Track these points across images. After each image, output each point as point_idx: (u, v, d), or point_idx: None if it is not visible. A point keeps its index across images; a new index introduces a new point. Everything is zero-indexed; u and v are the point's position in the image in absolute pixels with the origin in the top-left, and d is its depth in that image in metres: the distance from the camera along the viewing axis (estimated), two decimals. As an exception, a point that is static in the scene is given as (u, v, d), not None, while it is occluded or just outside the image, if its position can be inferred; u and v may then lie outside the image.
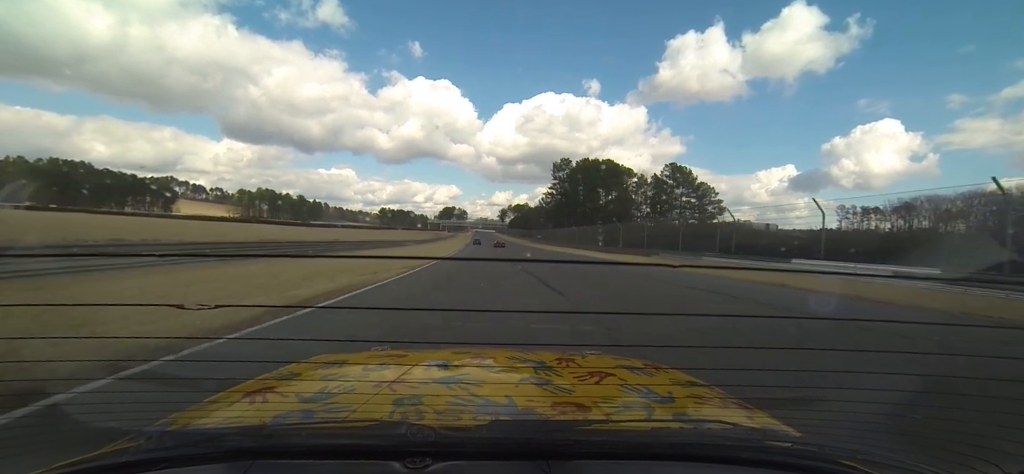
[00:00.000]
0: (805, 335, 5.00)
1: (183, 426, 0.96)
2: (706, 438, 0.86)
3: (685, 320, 5.38)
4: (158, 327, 4.64)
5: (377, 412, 0.95)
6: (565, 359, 1.51)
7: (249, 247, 20.72)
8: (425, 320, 5.18)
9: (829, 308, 8.73)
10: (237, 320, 5.28)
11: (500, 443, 0.75)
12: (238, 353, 3.54)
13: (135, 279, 8.50)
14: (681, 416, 1.09)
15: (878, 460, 0.74)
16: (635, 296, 10.19)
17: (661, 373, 1.43)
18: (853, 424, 1.28)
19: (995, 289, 11.60)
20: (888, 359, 2.38)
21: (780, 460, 0.75)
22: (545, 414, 1.01)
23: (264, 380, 1.23)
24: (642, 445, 0.78)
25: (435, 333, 4.51)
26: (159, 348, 3.89)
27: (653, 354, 1.74)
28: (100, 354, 3.37)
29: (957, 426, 1.15)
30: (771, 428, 1.00)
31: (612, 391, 1.25)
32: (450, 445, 0.71)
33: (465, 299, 8.57)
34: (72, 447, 0.79)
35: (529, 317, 5.66)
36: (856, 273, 13.85)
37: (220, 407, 1.10)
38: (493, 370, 1.42)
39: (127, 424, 0.99)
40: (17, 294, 6.08)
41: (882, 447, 0.83)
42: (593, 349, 1.73)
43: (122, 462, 0.70)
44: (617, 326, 5.52)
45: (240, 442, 0.74)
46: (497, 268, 13.74)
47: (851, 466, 0.72)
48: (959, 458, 0.82)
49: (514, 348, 1.67)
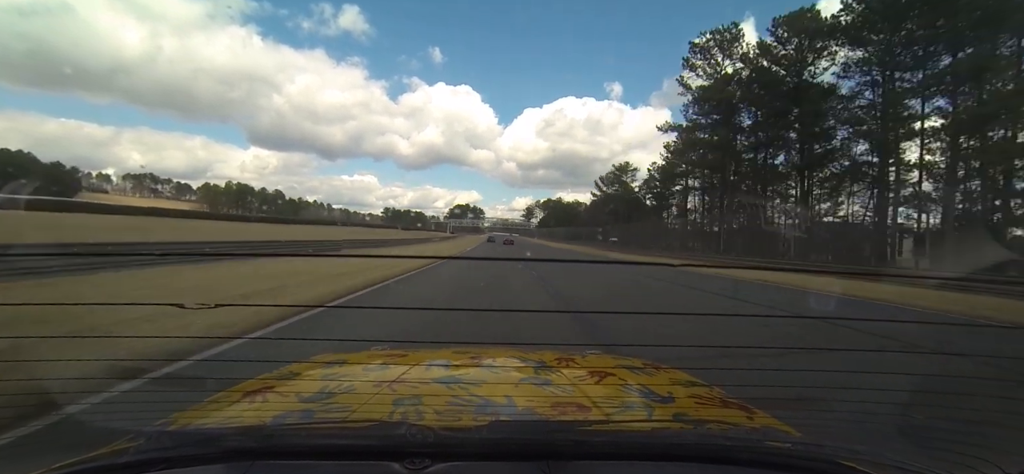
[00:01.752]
0: (805, 335, 5.00)
1: (183, 426, 0.96)
2: (706, 438, 0.86)
3: (685, 320, 5.38)
4: (191, 327, 4.66)
5: (377, 412, 0.95)
6: (565, 359, 1.51)
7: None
8: (425, 320, 5.19)
9: (829, 307, 8.73)
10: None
11: (500, 443, 0.75)
12: (257, 353, 3.53)
13: (134, 278, 8.50)
14: (681, 416, 1.09)
15: (878, 460, 0.74)
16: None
17: (661, 373, 1.43)
18: (853, 424, 1.28)
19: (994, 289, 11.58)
20: (888, 359, 2.38)
21: (780, 460, 0.75)
22: (545, 414, 1.01)
23: (264, 380, 1.23)
24: (642, 445, 0.78)
25: (434, 333, 4.51)
26: (188, 350, 3.92)
27: (653, 354, 1.74)
28: (130, 354, 3.36)
29: (957, 426, 1.15)
30: (771, 428, 1.00)
31: (612, 391, 1.25)
32: (450, 446, 0.71)
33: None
34: (72, 447, 0.79)
35: (529, 317, 5.67)
36: (863, 272, 13.81)
37: (220, 407, 1.10)
38: (493, 370, 1.42)
39: (127, 424, 0.99)
40: (32, 295, 6.02)
41: (882, 447, 0.83)
42: (593, 349, 1.73)
43: (122, 462, 0.70)
44: (618, 325, 5.52)
45: (240, 442, 0.74)
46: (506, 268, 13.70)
47: (851, 466, 0.72)
48: (959, 458, 0.82)
49: (514, 348, 1.67)
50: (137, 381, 3.02)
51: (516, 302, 8.57)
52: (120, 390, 2.73)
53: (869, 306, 9.35)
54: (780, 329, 5.68)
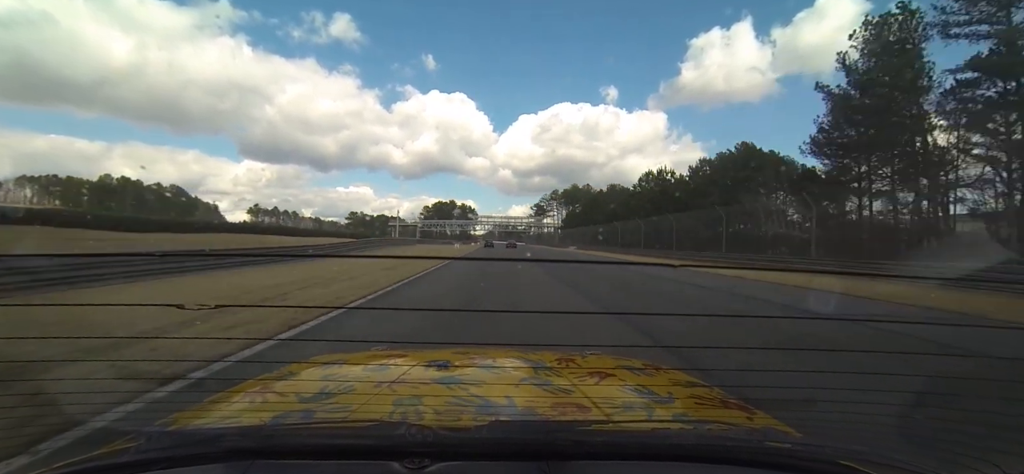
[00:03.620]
0: (805, 335, 5.00)
1: (183, 426, 0.97)
2: (706, 439, 0.86)
3: (686, 320, 5.39)
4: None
5: (377, 412, 0.95)
6: (565, 359, 1.51)
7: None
8: (424, 319, 5.19)
9: (829, 307, 8.72)
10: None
11: (500, 444, 0.75)
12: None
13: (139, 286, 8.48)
14: (681, 417, 1.09)
15: (878, 460, 0.74)
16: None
17: (661, 373, 1.43)
18: (853, 424, 1.28)
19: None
20: (888, 359, 2.38)
21: (780, 461, 0.75)
22: (545, 414, 1.01)
23: (264, 380, 1.23)
24: (642, 446, 0.78)
25: (433, 333, 4.50)
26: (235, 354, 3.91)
27: (653, 354, 1.74)
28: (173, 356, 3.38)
29: (957, 426, 1.15)
30: (771, 428, 1.00)
31: (612, 391, 1.25)
32: (449, 446, 0.71)
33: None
34: (72, 447, 0.79)
35: (528, 317, 5.66)
36: (858, 272, 13.75)
37: (220, 407, 1.10)
38: (493, 370, 1.42)
39: (127, 424, 0.99)
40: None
41: (882, 447, 0.83)
42: (593, 349, 1.73)
43: (122, 462, 0.70)
44: (617, 325, 5.52)
45: (239, 442, 0.74)
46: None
47: (851, 466, 0.72)
48: (959, 458, 0.82)
49: (514, 348, 1.67)
50: (137, 380, 3.02)
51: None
52: (120, 390, 2.72)
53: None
54: (782, 331, 5.68)
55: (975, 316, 7.80)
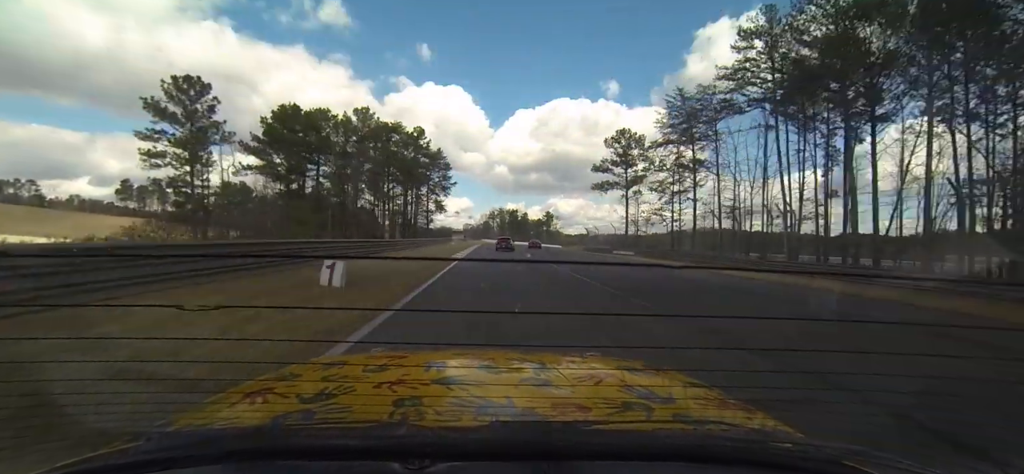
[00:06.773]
0: (805, 335, 5.00)
1: (183, 427, 0.96)
2: (706, 439, 0.86)
3: (686, 321, 5.38)
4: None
5: (377, 413, 0.95)
6: (565, 359, 1.51)
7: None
8: (424, 319, 5.19)
9: (829, 308, 8.72)
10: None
11: (500, 444, 0.75)
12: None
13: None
14: (681, 417, 1.09)
15: (878, 460, 0.74)
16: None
17: (661, 374, 1.43)
18: (853, 424, 1.28)
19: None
20: (888, 360, 2.38)
21: (781, 461, 0.75)
22: (545, 415, 1.01)
23: (264, 381, 1.23)
24: (642, 446, 0.78)
25: (433, 333, 4.51)
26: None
27: (653, 354, 1.74)
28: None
29: (957, 426, 1.15)
30: (771, 428, 1.00)
31: (612, 392, 1.25)
32: (450, 446, 0.71)
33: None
34: (72, 447, 0.79)
35: (526, 317, 5.67)
36: (855, 273, 13.76)
37: (220, 408, 1.10)
38: (493, 371, 1.42)
39: (127, 424, 0.99)
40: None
41: (882, 447, 0.83)
42: (593, 349, 1.73)
43: (122, 463, 0.70)
44: (618, 324, 5.52)
45: (240, 443, 0.74)
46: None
47: (851, 466, 0.72)
48: (959, 458, 0.82)
49: (514, 349, 1.67)
50: (137, 381, 3.01)
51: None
52: (120, 390, 2.72)
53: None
54: (779, 328, 5.68)
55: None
